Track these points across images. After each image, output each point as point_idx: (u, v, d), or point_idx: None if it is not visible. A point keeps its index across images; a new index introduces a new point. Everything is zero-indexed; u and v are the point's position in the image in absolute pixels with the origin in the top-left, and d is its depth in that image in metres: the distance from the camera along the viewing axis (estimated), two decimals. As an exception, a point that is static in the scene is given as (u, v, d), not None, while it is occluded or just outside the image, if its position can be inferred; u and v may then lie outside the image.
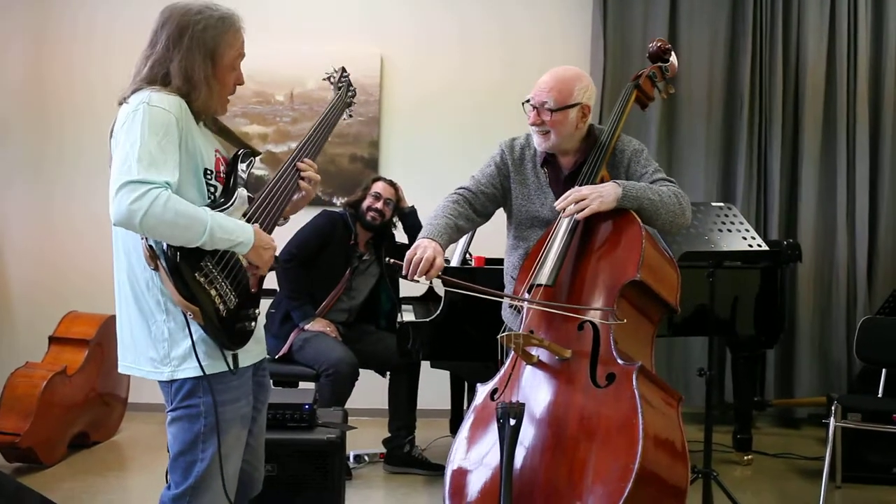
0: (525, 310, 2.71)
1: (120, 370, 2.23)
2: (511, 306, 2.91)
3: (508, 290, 3.02)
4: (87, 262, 5.27)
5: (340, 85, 2.80)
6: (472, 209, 2.98)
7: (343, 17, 5.48)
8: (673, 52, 3.17)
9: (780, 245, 4.59)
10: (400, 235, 4.61)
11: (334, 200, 5.36)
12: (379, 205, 4.43)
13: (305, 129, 5.27)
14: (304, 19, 5.43)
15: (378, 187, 4.47)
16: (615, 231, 2.69)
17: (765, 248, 4.06)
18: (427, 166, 5.40)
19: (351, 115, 2.82)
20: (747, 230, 4.07)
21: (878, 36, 5.50)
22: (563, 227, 2.71)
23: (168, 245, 1.99)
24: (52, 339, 4.54)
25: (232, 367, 2.13)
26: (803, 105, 5.44)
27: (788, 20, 5.44)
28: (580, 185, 2.76)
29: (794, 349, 5.42)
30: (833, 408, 4.00)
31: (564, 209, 2.68)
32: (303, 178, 2.37)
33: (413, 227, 4.50)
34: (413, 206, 4.55)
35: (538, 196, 2.97)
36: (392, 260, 2.73)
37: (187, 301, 2.00)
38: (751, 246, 3.98)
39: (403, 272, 2.69)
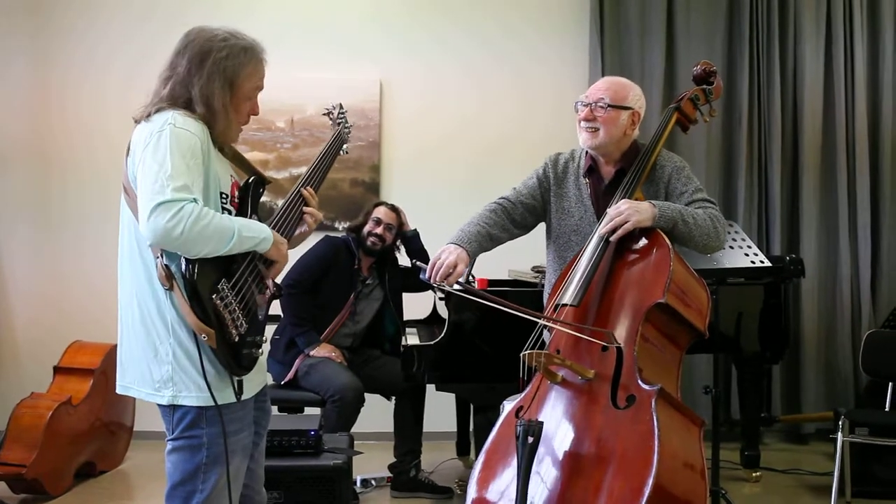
0: (549, 328, 2.72)
1: (118, 391, 2.22)
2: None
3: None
4: (90, 291, 5.30)
5: (339, 121, 2.82)
6: (510, 219, 3.01)
7: (341, 43, 5.52)
8: (718, 75, 3.17)
9: (782, 261, 4.59)
10: (403, 259, 4.62)
11: (336, 225, 5.37)
12: (379, 230, 4.43)
13: (306, 155, 5.42)
14: (302, 46, 5.47)
15: (379, 212, 4.48)
16: (644, 252, 2.68)
17: (767, 264, 4.05)
18: (428, 189, 5.43)
19: (346, 152, 2.84)
20: (749, 246, 4.07)
21: (875, 49, 5.53)
22: (591, 246, 2.72)
23: (186, 265, 2.00)
24: (57, 370, 4.53)
25: (237, 392, 2.13)
26: (802, 120, 5.47)
27: (785, 37, 5.47)
28: (619, 197, 2.78)
29: (800, 364, 5.41)
30: (840, 423, 3.99)
31: (607, 229, 2.68)
32: (306, 211, 2.38)
33: (416, 251, 4.51)
34: (416, 230, 4.56)
35: (578, 209, 2.99)
36: (416, 261, 2.76)
37: (202, 322, 2.00)
38: (753, 262, 3.98)
39: (427, 275, 2.72)
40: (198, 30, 2.21)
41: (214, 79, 2.14)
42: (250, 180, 2.29)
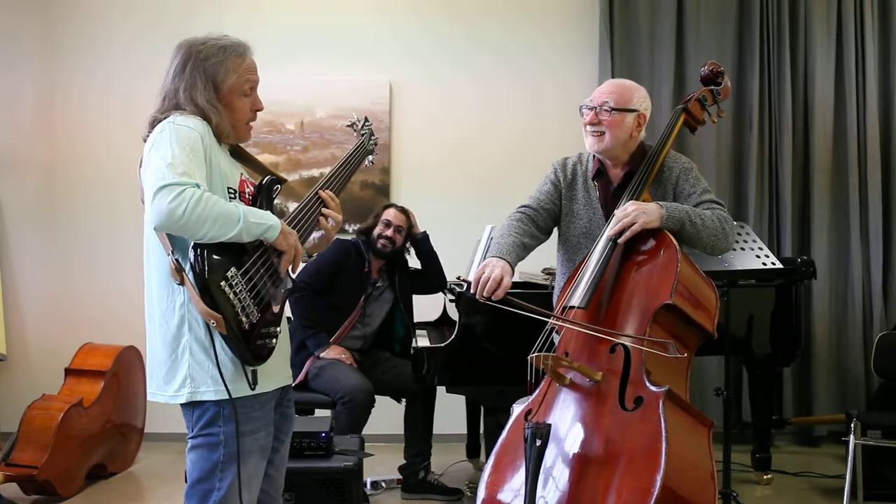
0: (557, 330, 2.71)
1: (148, 398, 2.26)
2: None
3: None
4: (101, 293, 5.33)
5: (364, 133, 2.84)
6: (536, 226, 3.00)
7: (351, 46, 5.54)
8: (726, 76, 3.15)
9: (794, 262, 4.57)
10: (413, 261, 4.62)
11: (347, 228, 5.38)
12: (389, 232, 4.44)
13: (316, 157, 5.43)
14: (311, 49, 5.50)
15: (389, 214, 4.49)
16: (652, 253, 2.67)
17: (779, 266, 4.04)
18: (438, 191, 5.43)
19: (372, 162, 2.85)
20: (760, 248, 4.06)
21: (886, 50, 5.51)
22: (598, 248, 2.71)
23: (195, 256, 2.02)
24: (68, 371, 4.55)
25: (250, 383, 2.14)
26: (812, 121, 5.45)
27: (795, 38, 5.45)
28: (627, 198, 2.77)
29: (811, 366, 5.39)
30: (853, 425, 3.97)
31: (615, 231, 2.67)
32: (324, 216, 2.39)
33: (426, 253, 4.51)
34: (425, 232, 4.56)
35: (586, 212, 2.99)
36: (461, 277, 2.72)
37: (211, 309, 2.02)
38: (764, 264, 3.97)
39: (472, 291, 2.68)
40: (182, 41, 2.29)
41: (196, 79, 2.22)
42: (265, 180, 2.32)
